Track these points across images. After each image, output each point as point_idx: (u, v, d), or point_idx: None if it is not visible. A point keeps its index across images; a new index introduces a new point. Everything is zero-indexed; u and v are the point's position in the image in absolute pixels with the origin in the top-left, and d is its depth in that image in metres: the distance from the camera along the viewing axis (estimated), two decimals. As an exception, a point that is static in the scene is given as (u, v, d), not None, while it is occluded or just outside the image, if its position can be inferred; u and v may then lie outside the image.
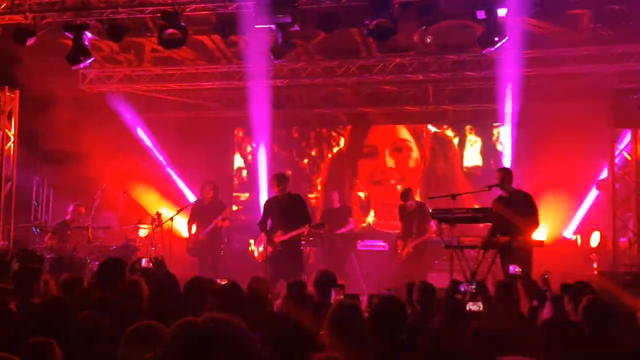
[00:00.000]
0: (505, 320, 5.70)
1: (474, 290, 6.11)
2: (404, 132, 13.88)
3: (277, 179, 9.22)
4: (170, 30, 9.49)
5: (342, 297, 5.94)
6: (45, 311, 4.87)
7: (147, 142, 13.88)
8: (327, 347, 4.04)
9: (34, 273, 5.78)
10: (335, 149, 14.31)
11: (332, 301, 5.77)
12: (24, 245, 11.10)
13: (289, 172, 11.21)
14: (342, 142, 14.30)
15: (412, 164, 13.75)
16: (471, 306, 5.87)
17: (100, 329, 4.03)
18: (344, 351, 3.72)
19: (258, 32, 9.59)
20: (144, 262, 8.66)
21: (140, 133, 13.77)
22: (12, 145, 11.56)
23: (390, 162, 13.78)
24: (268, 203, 9.50)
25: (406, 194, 10.71)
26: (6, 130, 11.45)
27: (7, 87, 11.27)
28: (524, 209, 8.36)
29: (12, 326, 4.52)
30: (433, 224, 9.78)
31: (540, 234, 8.87)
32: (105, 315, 4.31)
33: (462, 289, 6.20)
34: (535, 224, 8.45)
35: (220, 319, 1.85)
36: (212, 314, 1.88)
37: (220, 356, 1.75)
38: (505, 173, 8.77)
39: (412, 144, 13.78)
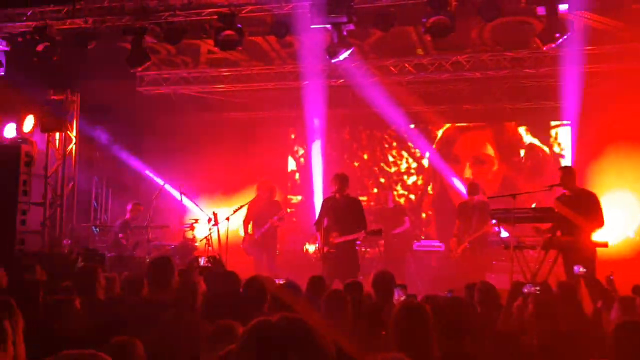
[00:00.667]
0: (570, 321, 5.56)
1: (537, 292, 5.99)
2: (488, 148, 13.73)
3: (338, 179, 9.19)
4: (227, 32, 9.61)
5: (404, 297, 5.90)
6: (109, 310, 4.98)
7: (203, 142, 14.05)
8: (391, 348, 4.00)
9: (95, 271, 5.90)
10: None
11: (395, 301, 5.74)
12: (85, 244, 11.38)
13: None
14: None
15: (490, 176, 13.52)
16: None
17: (182, 329, 4.08)
18: (410, 352, 3.68)
19: (313, 32, 9.60)
20: (202, 261, 8.81)
21: (196, 133, 13.95)
22: (73, 146, 11.86)
23: (467, 174, 13.55)
24: (326, 202, 9.48)
25: (475, 188, 10.61)
26: (68, 132, 11.75)
27: (68, 90, 11.56)
28: (587, 208, 8.15)
29: (80, 324, 4.61)
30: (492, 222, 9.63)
31: (604, 234, 8.62)
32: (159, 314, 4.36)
33: (526, 291, 6.07)
34: (598, 223, 8.21)
35: (295, 319, 1.85)
36: (286, 314, 1.88)
37: (295, 357, 1.76)
38: (567, 171, 8.59)
39: (495, 160, 13.62)
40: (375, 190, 14.17)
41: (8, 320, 3.22)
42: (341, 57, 9.50)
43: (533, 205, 10.67)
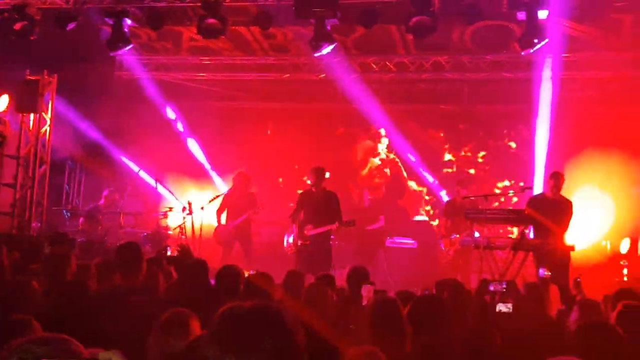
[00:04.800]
0: (533, 321, 5.68)
1: (504, 290, 6.08)
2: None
3: (314, 172, 9.23)
4: (210, 20, 9.55)
5: (371, 293, 5.95)
6: (74, 293, 4.94)
7: (181, 130, 13.97)
8: (363, 341, 4.05)
9: (65, 256, 5.85)
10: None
11: (363, 297, 5.77)
12: (56, 228, 11.26)
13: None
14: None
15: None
16: (501, 307, 5.85)
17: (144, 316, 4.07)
18: (383, 345, 3.74)
19: (297, 24, 9.60)
20: (170, 250, 8.78)
21: (175, 121, 13.87)
22: (47, 128, 11.72)
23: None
24: (302, 196, 9.54)
25: (464, 185, 10.59)
26: (43, 114, 11.60)
27: (45, 71, 11.41)
28: (561, 214, 8.32)
29: (39, 306, 4.57)
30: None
31: (571, 238, 8.81)
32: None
33: (492, 289, 6.16)
34: (563, 229, 8.40)
35: (269, 306, 1.86)
36: (260, 301, 1.89)
37: (268, 341, 1.76)
38: (560, 177, 8.70)
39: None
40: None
41: None
42: (324, 52, 9.52)
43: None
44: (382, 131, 13.83)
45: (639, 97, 11.07)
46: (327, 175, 9.54)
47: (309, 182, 9.72)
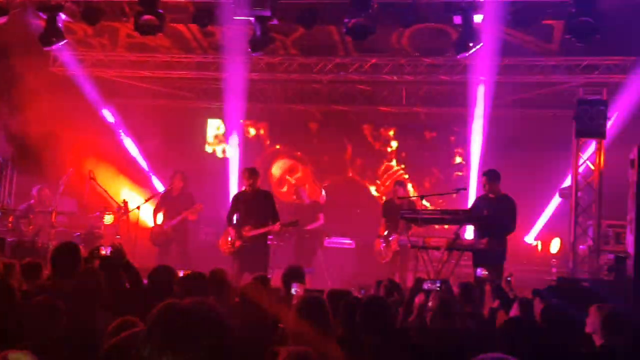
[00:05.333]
0: (464, 319, 5.80)
1: (438, 289, 6.19)
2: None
3: (248, 173, 9.21)
4: (147, 17, 9.40)
5: (302, 291, 5.97)
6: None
7: (118, 128, 13.69)
8: (292, 338, 4.07)
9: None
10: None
11: (293, 295, 5.80)
12: (-16, 227, 10.89)
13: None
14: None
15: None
16: None
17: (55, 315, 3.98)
18: (311, 340, 3.77)
19: (236, 23, 9.56)
20: (103, 250, 8.58)
21: (111, 119, 13.57)
22: (-23, 124, 11.33)
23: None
24: (237, 197, 9.51)
25: (402, 186, 10.65)
26: (-28, 109, 11.21)
27: (-26, 66, 11.04)
28: (505, 212, 8.51)
29: None
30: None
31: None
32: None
33: (426, 287, 6.26)
34: (511, 228, 8.61)
35: (203, 302, 1.87)
36: (195, 298, 1.90)
37: (203, 338, 1.77)
38: (493, 175, 8.85)
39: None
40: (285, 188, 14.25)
41: None
42: (262, 51, 9.50)
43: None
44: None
45: (569, 102, 11.48)
46: None
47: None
